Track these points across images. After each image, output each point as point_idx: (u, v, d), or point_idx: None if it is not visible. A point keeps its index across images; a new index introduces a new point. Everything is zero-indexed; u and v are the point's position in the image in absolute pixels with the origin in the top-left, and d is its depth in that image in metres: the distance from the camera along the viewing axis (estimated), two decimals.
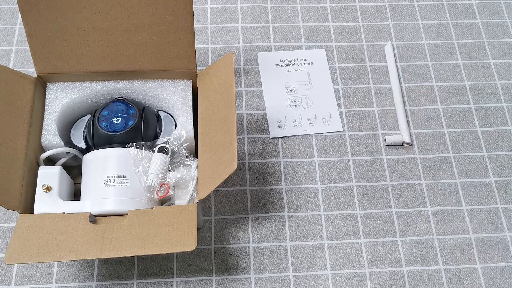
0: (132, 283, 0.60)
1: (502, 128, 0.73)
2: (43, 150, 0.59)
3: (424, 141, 0.71)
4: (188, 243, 0.49)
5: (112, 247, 0.48)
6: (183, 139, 0.58)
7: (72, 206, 0.53)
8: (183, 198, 0.56)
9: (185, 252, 0.53)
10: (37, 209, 0.52)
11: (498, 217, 0.67)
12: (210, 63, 0.76)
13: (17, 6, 0.78)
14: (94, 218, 0.52)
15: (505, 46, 0.80)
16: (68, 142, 0.60)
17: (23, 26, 0.76)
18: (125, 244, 0.48)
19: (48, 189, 0.53)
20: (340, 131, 0.71)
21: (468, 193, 0.68)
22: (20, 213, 0.51)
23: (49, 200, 0.53)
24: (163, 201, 0.58)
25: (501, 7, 0.84)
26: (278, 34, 0.79)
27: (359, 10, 0.82)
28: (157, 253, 0.48)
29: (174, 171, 0.58)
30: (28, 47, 0.74)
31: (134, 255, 0.48)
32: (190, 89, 0.62)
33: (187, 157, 0.59)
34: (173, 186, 0.57)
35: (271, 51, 0.78)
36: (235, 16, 0.80)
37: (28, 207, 0.53)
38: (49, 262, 0.60)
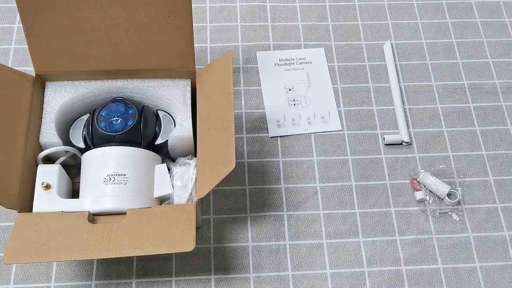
0: (131, 282, 0.60)
1: (501, 127, 0.73)
2: (41, 148, 0.59)
3: (423, 140, 0.71)
4: (186, 243, 0.49)
5: (111, 247, 0.48)
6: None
7: (71, 204, 0.52)
8: (182, 197, 0.56)
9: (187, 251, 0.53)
10: (36, 207, 0.52)
11: (497, 216, 0.67)
12: (209, 62, 0.76)
13: (15, 5, 0.78)
14: (93, 217, 0.52)
15: (504, 45, 0.80)
16: (67, 141, 0.60)
17: (21, 25, 0.76)
18: (123, 244, 0.48)
19: (48, 187, 0.53)
20: (339, 130, 0.71)
21: (467, 192, 0.68)
22: (18, 212, 0.51)
23: (48, 198, 0.53)
24: (162, 200, 0.58)
25: (500, 6, 0.84)
26: (277, 33, 0.79)
27: (358, 9, 0.82)
28: (156, 253, 0.48)
29: (173, 170, 0.58)
30: (27, 46, 0.74)
31: (132, 255, 0.48)
32: (189, 88, 0.62)
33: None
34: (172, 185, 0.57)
35: (270, 50, 0.77)
36: (234, 15, 0.80)
37: (26, 206, 0.53)
38: (48, 262, 0.60)
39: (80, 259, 0.47)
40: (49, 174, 0.55)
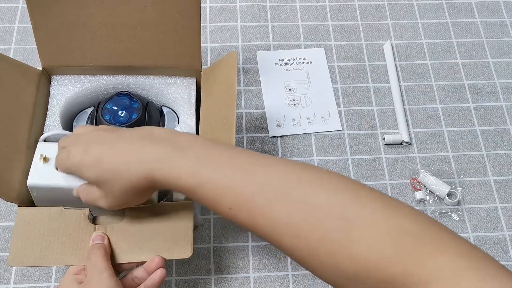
0: None
1: (501, 127, 0.73)
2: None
3: (423, 140, 0.71)
4: (184, 250, 0.49)
5: (112, 252, 0.49)
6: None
7: (68, 179, 0.50)
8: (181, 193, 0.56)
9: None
10: (32, 178, 0.50)
11: (497, 216, 0.67)
12: (209, 62, 0.76)
13: (15, 4, 0.78)
14: (92, 216, 0.52)
15: (504, 45, 0.80)
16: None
17: (21, 25, 0.76)
18: (123, 249, 0.49)
19: (46, 159, 0.51)
20: (339, 130, 0.71)
21: (467, 192, 0.68)
22: (18, 206, 0.52)
23: (45, 171, 0.50)
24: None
25: (500, 6, 0.84)
26: (277, 33, 0.79)
27: (358, 9, 0.82)
28: None
29: None
30: (26, 46, 0.75)
31: (131, 261, 0.49)
32: (194, 87, 0.62)
33: None
34: None
35: (270, 50, 0.78)
36: (234, 15, 0.80)
37: (26, 199, 0.53)
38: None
39: (83, 264, 0.48)
40: (48, 149, 0.52)
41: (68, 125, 0.61)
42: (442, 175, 0.68)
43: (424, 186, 0.67)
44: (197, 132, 0.59)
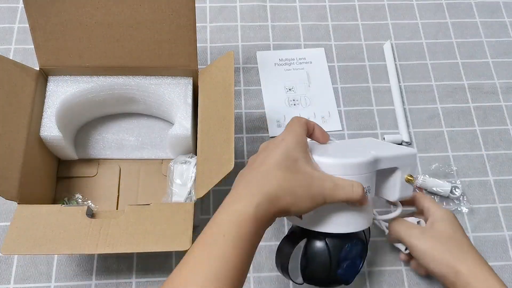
0: (131, 282, 0.60)
1: (501, 127, 0.73)
2: (42, 142, 0.59)
3: (423, 140, 0.71)
4: (182, 242, 0.49)
5: (108, 243, 0.49)
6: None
7: None
8: (181, 194, 0.56)
9: (183, 250, 0.53)
10: None
11: (497, 216, 0.67)
12: (209, 62, 0.76)
13: (15, 5, 0.78)
14: (91, 212, 0.52)
15: (504, 45, 0.80)
16: (70, 136, 0.60)
17: (22, 25, 0.77)
18: (120, 240, 0.49)
19: None
20: (339, 130, 0.71)
21: (467, 192, 0.68)
22: (18, 204, 0.52)
23: None
24: None
25: (500, 6, 0.84)
26: (277, 33, 0.79)
27: (358, 9, 0.82)
28: (151, 251, 0.48)
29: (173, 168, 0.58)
30: (27, 46, 0.75)
31: (128, 251, 0.49)
32: (190, 87, 0.62)
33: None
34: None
35: (270, 50, 0.78)
36: (234, 15, 0.80)
37: (26, 198, 0.53)
38: (47, 258, 0.60)
39: (76, 253, 0.48)
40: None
41: (65, 126, 0.61)
42: (442, 175, 0.68)
43: (425, 189, 0.67)
44: (195, 133, 0.59)
